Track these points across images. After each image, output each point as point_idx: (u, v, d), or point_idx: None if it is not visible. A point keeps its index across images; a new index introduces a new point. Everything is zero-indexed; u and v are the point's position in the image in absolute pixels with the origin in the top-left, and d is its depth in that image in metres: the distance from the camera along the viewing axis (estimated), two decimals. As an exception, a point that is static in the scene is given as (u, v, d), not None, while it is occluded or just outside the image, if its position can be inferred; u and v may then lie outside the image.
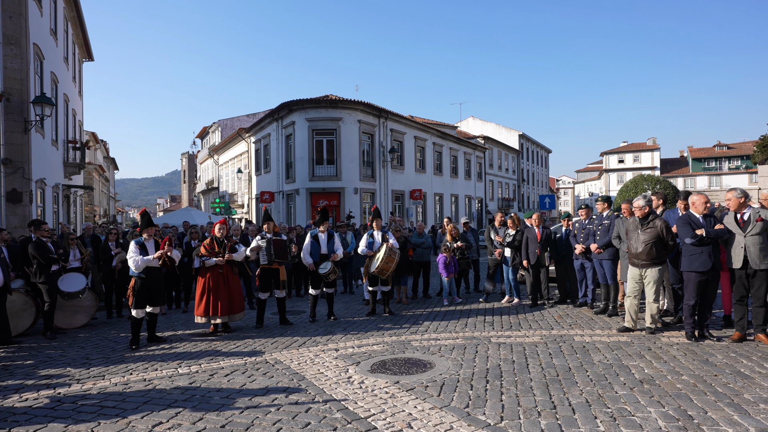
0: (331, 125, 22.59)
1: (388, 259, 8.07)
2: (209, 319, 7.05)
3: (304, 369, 5.17)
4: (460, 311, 8.48)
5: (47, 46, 14.83)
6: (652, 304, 6.16)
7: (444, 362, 5.24)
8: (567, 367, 4.91)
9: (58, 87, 16.56)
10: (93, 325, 8.17)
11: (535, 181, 57.20)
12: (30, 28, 12.66)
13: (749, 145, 59.67)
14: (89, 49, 22.69)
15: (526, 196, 53.18)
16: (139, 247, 6.56)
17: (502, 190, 45.27)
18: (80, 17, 19.59)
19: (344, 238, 11.10)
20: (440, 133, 31.26)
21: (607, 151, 69.27)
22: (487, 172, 40.86)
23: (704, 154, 64.48)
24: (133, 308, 6.53)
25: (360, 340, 6.45)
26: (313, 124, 22.55)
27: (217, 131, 40.86)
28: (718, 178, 62.72)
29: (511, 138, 49.60)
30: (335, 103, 22.62)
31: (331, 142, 22.73)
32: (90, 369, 5.45)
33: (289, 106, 22.99)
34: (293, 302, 10.08)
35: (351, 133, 22.85)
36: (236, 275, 7.43)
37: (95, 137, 37.06)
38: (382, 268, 8.03)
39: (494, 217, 10.04)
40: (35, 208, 13.05)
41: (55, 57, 16.12)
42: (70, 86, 19.48)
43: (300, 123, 22.80)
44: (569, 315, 7.73)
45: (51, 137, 15.55)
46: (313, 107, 22.63)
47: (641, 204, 6.15)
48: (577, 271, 8.31)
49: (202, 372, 5.19)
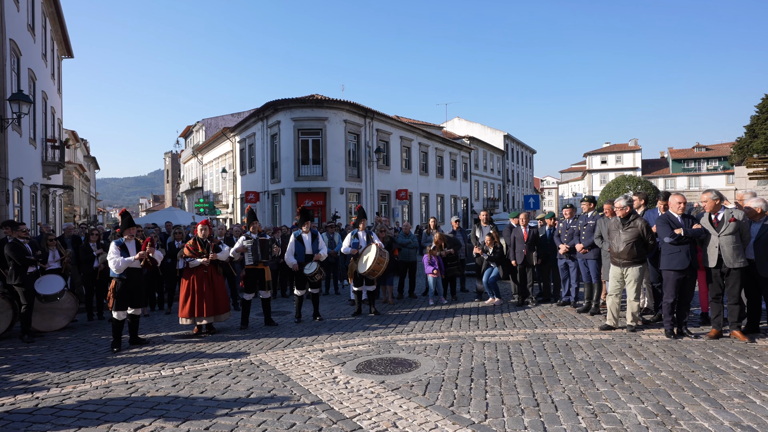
0: (317, 125, 22.53)
1: (379, 260, 8.08)
2: (194, 320, 7.00)
3: (290, 370, 5.15)
4: (446, 311, 8.53)
5: (24, 42, 14.52)
6: (633, 303, 6.28)
7: (429, 361, 5.27)
8: (550, 365, 4.98)
9: (36, 84, 16.23)
10: (73, 328, 8.04)
11: (520, 181, 57.70)
12: (6, 23, 12.38)
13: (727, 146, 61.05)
14: (68, 46, 22.26)
15: (511, 196, 53.62)
16: (119, 248, 6.47)
17: (487, 190, 45.59)
18: (59, 13, 19.22)
19: (332, 238, 11.08)
20: (426, 133, 31.37)
21: (590, 152, 70.25)
22: (473, 172, 41.11)
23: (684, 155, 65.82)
24: (113, 310, 6.44)
25: (346, 341, 6.45)
26: (298, 123, 22.46)
27: (201, 130, 40.42)
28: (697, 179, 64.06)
29: (496, 138, 49.97)
30: (321, 103, 22.56)
31: (316, 141, 22.67)
32: (70, 372, 5.36)
33: (274, 105, 22.86)
34: (278, 303, 10.03)
35: (337, 132, 22.81)
36: (221, 275, 7.38)
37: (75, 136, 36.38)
38: (373, 269, 8.03)
39: (479, 216, 10.06)
40: (12, 208, 12.77)
41: (32, 53, 15.79)
42: (49, 83, 19.10)
43: (285, 122, 22.69)
44: (552, 314, 7.82)
45: (29, 136, 15.23)
46: (299, 107, 22.54)
47: (622, 204, 6.27)
48: (561, 270, 8.42)
49: (185, 374, 5.14)
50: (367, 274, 8.10)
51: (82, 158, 43.89)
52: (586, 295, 7.82)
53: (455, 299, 9.75)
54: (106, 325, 8.05)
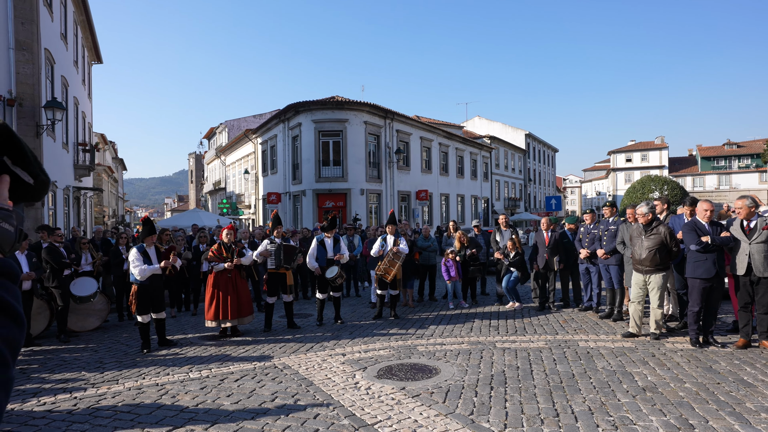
0: (338, 126, 22.70)
1: (391, 263, 8.19)
2: (219, 322, 7.18)
3: (312, 374, 5.26)
4: (466, 315, 8.55)
5: (58, 51, 15.05)
6: (656, 310, 6.21)
7: (449, 368, 5.31)
8: (571, 374, 4.98)
9: (68, 90, 16.79)
10: (105, 328, 8.34)
11: (542, 180, 57.01)
12: (41, 33, 12.86)
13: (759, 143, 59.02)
14: (98, 52, 22.94)
15: (532, 195, 53.03)
16: (141, 254, 6.62)
17: (508, 190, 45.20)
18: (89, 21, 19.83)
19: (351, 240, 11.20)
20: (446, 133, 31.28)
21: (615, 150, 68.87)
22: (493, 172, 40.81)
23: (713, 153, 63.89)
24: (136, 314, 6.65)
25: (367, 345, 6.54)
26: (319, 125, 22.67)
27: (224, 132, 41.10)
28: (727, 177, 62.14)
29: (518, 137, 49.49)
30: (341, 105, 22.72)
31: (337, 143, 22.84)
32: (104, 373, 5.59)
33: (295, 107, 23.12)
34: (300, 305, 10.19)
35: (357, 134, 22.95)
36: (244, 279, 7.55)
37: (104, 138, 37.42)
38: (385, 270, 8.16)
39: (498, 219, 10.04)
40: (47, 210, 13.27)
41: (65, 61, 16.35)
42: (80, 89, 19.73)
43: (306, 124, 22.93)
44: (574, 319, 7.78)
45: (62, 140, 15.78)
46: (320, 108, 22.75)
47: (644, 211, 6.20)
48: (582, 275, 8.37)
49: (212, 377, 5.31)
50: (380, 275, 8.23)
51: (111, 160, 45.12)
52: (609, 301, 7.75)
53: (475, 303, 9.75)
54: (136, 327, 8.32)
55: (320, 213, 22.07)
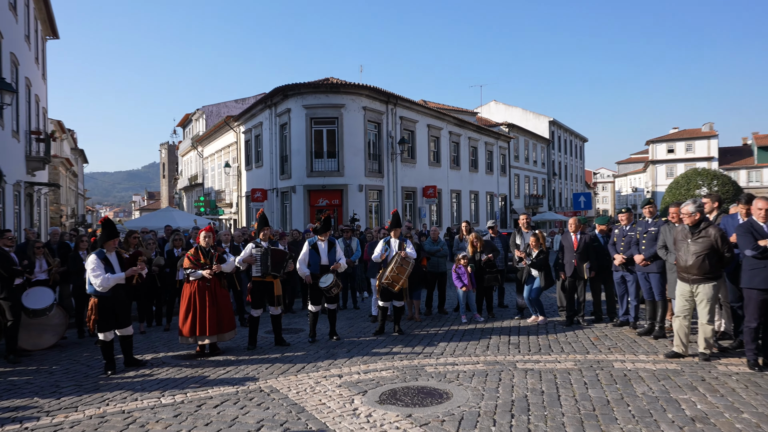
0: (332, 113, 22.69)
1: (399, 270, 8.14)
2: (196, 339, 7.16)
3: (304, 399, 5.24)
4: (481, 330, 8.52)
5: (5, 23, 15.02)
6: (706, 326, 6.15)
7: (463, 392, 5.28)
8: (605, 400, 4.94)
9: (19, 70, 16.76)
10: (62, 346, 8.32)
11: (569, 174, 57.01)
12: (-13, 3, 12.85)
13: (827, 130, 58.50)
14: (53, 25, 22.92)
15: (557, 192, 53.04)
16: (102, 261, 6.54)
17: (529, 186, 45.20)
18: (44, -11, 19.83)
19: (348, 244, 11.17)
20: (457, 120, 31.28)
21: (654, 139, 68.78)
22: (512, 165, 40.82)
23: (773, 141, 63.59)
24: (98, 331, 6.58)
25: (367, 365, 6.53)
26: (311, 111, 22.66)
27: (201, 119, 41.15)
28: (789, 170, 61.88)
29: (540, 125, 49.49)
30: (337, 88, 22.71)
31: (332, 132, 22.83)
32: (60, 399, 5.55)
33: (284, 90, 23.12)
34: (290, 319, 10.17)
35: (355, 121, 22.93)
36: (225, 289, 7.53)
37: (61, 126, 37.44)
38: (392, 279, 8.11)
39: (518, 220, 9.99)
40: (-5, 209, 13.27)
41: (14, 35, 16.31)
42: (33, 68, 19.71)
43: (296, 110, 22.92)
44: (608, 336, 7.75)
45: (11, 128, 15.78)
46: (312, 92, 22.74)
47: (690, 210, 6.15)
48: (617, 284, 8.34)
49: (188, 402, 5.28)
50: (386, 284, 8.19)
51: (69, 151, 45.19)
52: (649, 315, 7.72)
53: (492, 316, 9.73)
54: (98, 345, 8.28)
55: (312, 212, 22.04)
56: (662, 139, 68.79)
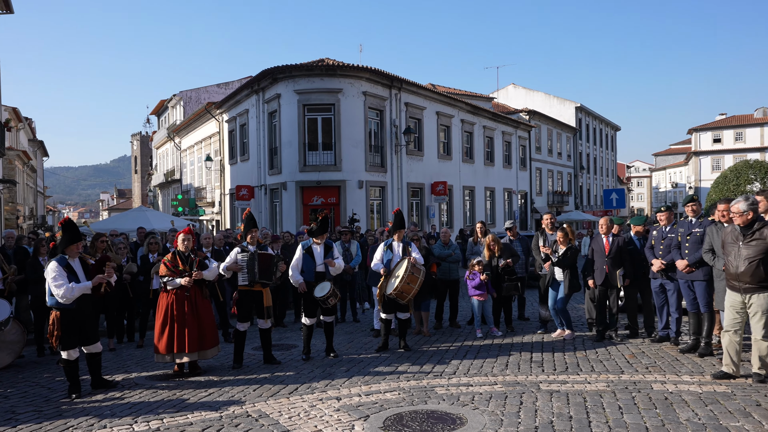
0: (328, 99, 22.70)
1: (410, 279, 8.13)
2: (173, 356, 7.17)
3: (297, 425, 5.24)
4: (499, 346, 8.53)
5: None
6: (761, 342, 6.12)
7: (479, 417, 5.28)
8: (643, 428, 4.92)
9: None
10: (19, 366, 8.34)
11: (598, 168, 56.94)
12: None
13: None
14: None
15: (585, 188, 52.98)
16: (65, 269, 6.50)
17: (553, 182, 45.15)
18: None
19: (347, 248, 11.18)
20: (471, 106, 31.28)
21: (698, 128, 68.64)
22: (534, 157, 40.79)
23: (838, 129, 63.28)
24: (60, 349, 6.55)
25: (368, 386, 6.54)
26: (304, 97, 22.68)
27: (178, 106, 41.26)
28: None
29: (566, 112, 49.45)
30: (333, 70, 22.73)
31: (327, 120, 22.84)
32: (17, 427, 5.55)
33: (273, 73, 23.15)
34: (280, 333, 10.18)
35: (354, 108, 22.95)
36: (207, 299, 7.54)
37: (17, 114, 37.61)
38: (402, 290, 8.10)
39: (542, 219, 9.97)
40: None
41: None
42: (-12, 49, 19.76)
43: (287, 96, 22.95)
44: (645, 353, 7.73)
45: (-36, 117, 15.82)
46: (305, 75, 22.76)
47: (742, 208, 6.12)
48: (655, 293, 8.32)
49: (164, 429, 5.28)
50: (395, 296, 8.16)
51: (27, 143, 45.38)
52: (693, 329, 7.70)
53: (511, 330, 9.74)
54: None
55: (306, 212, 22.06)
56: (707, 127, 68.63)
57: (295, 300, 11.59)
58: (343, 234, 11.57)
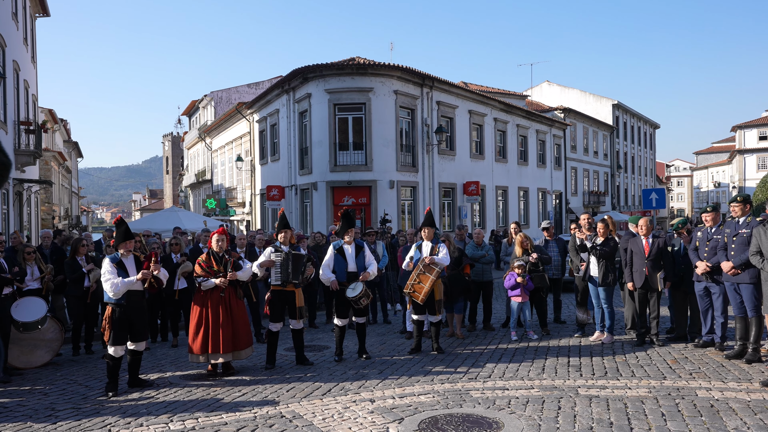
0: (359, 98, 22.78)
1: (422, 277, 8.18)
2: (208, 357, 7.27)
3: (331, 426, 5.28)
4: (535, 349, 8.46)
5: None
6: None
7: (515, 422, 5.25)
8: (688, 434, 4.83)
9: (6, 52, 17.23)
10: (57, 364, 8.54)
11: (636, 167, 55.98)
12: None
13: None
14: (44, 1, 23.56)
15: (623, 188, 52.12)
16: (116, 265, 6.79)
17: (589, 181, 44.53)
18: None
19: (373, 249, 11.16)
20: (504, 105, 31.05)
21: (743, 125, 66.91)
22: (569, 156, 40.29)
23: None
24: (110, 345, 6.77)
25: (402, 388, 6.54)
26: (335, 96, 22.80)
27: (209, 106, 41.87)
28: None
29: (603, 109, 48.75)
30: (364, 69, 22.80)
31: (358, 120, 22.92)
32: (57, 424, 5.71)
33: (303, 73, 23.33)
34: (312, 334, 10.26)
35: (385, 107, 22.98)
36: (241, 300, 7.63)
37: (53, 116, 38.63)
38: (413, 288, 8.19)
39: (579, 220, 9.85)
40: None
41: (1, 13, 16.74)
42: (21, 50, 20.26)
43: (318, 95, 23.10)
44: (688, 359, 7.59)
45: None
46: (335, 74, 22.87)
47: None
48: (700, 297, 8.15)
49: (200, 428, 5.37)
50: (407, 294, 8.30)
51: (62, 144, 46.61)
52: (739, 335, 7.51)
53: (547, 333, 9.65)
54: (97, 362, 8.51)
55: (336, 212, 22.16)
56: (753, 123, 66.83)
57: (327, 301, 11.66)
58: (369, 235, 11.56)
